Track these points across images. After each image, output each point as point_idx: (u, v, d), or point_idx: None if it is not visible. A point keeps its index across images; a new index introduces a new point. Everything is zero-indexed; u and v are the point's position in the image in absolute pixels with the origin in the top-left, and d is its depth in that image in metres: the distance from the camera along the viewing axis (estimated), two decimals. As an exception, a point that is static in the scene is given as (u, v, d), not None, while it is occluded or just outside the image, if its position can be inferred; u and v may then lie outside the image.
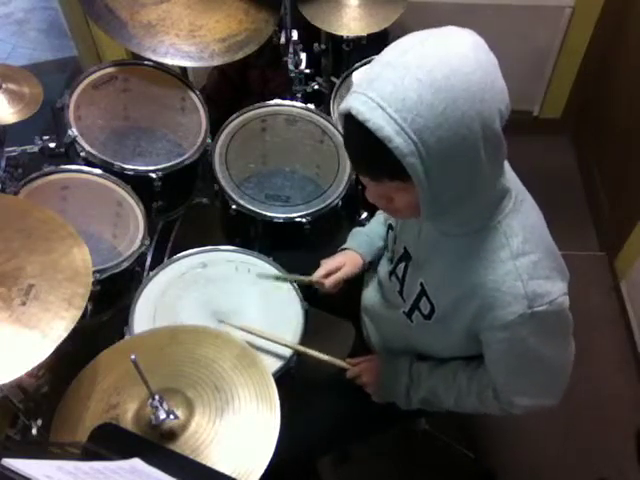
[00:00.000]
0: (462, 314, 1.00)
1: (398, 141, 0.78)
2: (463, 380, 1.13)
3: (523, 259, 0.93)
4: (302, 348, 1.27)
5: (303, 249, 1.66)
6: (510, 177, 0.99)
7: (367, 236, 1.37)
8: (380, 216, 1.40)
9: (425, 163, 0.80)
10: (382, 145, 0.79)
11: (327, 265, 1.32)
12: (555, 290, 0.94)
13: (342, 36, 1.82)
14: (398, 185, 0.87)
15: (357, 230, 1.40)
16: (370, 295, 1.32)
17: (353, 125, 0.82)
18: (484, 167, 0.85)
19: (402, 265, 1.14)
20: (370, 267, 1.37)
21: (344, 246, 1.38)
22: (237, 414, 1.01)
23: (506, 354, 1.02)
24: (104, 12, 1.63)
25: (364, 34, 1.80)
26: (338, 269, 1.32)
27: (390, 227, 1.22)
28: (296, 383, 1.33)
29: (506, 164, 1.00)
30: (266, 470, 0.93)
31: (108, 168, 1.54)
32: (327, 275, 1.32)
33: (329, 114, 1.76)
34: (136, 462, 0.84)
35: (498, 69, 0.83)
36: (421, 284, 1.06)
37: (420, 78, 0.78)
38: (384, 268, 1.25)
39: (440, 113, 0.77)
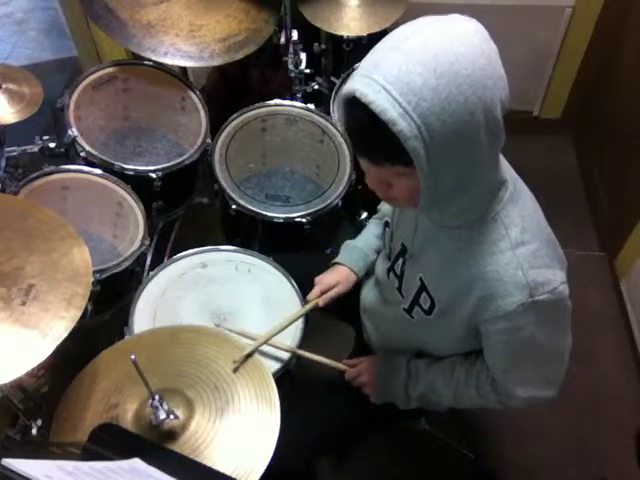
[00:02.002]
0: (463, 306, 1.00)
1: (402, 124, 0.78)
2: (461, 374, 1.13)
3: (523, 249, 0.93)
4: (299, 351, 1.27)
5: (303, 249, 1.66)
6: (505, 167, 0.99)
7: (361, 250, 1.36)
8: (372, 226, 1.39)
9: (428, 147, 0.80)
10: (385, 128, 0.79)
11: (321, 285, 1.33)
12: (556, 279, 0.95)
13: (342, 36, 1.82)
14: (399, 170, 0.86)
15: (350, 244, 1.39)
16: (368, 294, 1.32)
17: (357, 107, 0.82)
18: (484, 154, 0.85)
19: (400, 261, 1.14)
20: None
21: (337, 260, 1.37)
22: (237, 414, 1.01)
23: (506, 344, 1.01)
24: (104, 12, 1.63)
25: (364, 34, 1.80)
26: (331, 288, 1.32)
27: (387, 224, 1.22)
28: (296, 383, 1.33)
29: (500, 155, 1.00)
30: (266, 470, 0.93)
31: (108, 168, 1.55)
32: (321, 294, 1.32)
33: (329, 114, 1.76)
34: (136, 462, 0.84)
35: (499, 58, 0.83)
36: (420, 279, 1.06)
37: (425, 62, 0.78)
38: (382, 266, 1.25)
39: (444, 98, 0.78)
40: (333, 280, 1.33)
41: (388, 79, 0.79)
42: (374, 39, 1.83)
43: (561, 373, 1.08)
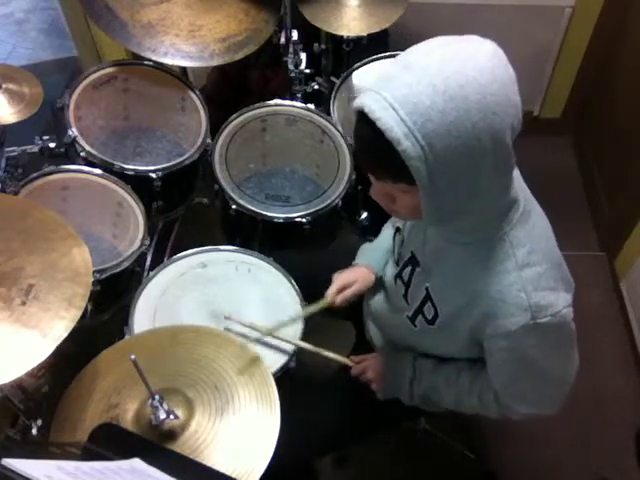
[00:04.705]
0: (465, 321, 1.01)
1: (406, 144, 0.78)
2: (466, 380, 1.13)
3: (528, 270, 0.93)
4: (306, 345, 1.27)
5: (303, 249, 1.66)
6: (519, 187, 0.98)
7: (378, 251, 1.35)
8: (387, 230, 1.39)
9: (430, 168, 0.80)
10: (390, 146, 0.79)
11: (339, 281, 1.31)
12: (559, 302, 0.95)
13: (342, 36, 1.82)
14: (402, 187, 0.87)
15: (367, 246, 1.39)
16: (374, 298, 1.32)
17: (364, 122, 0.82)
18: (490, 178, 0.85)
19: (408, 269, 1.14)
20: None
21: (355, 262, 1.36)
22: (237, 414, 1.01)
23: (507, 362, 1.02)
24: (104, 12, 1.63)
25: (364, 34, 1.80)
26: (350, 285, 1.31)
27: (397, 230, 1.22)
28: (296, 383, 1.33)
29: (517, 173, 0.99)
30: (266, 470, 0.93)
31: (108, 168, 1.54)
32: (339, 291, 1.31)
33: (329, 114, 1.75)
34: (136, 462, 0.84)
35: (515, 84, 0.83)
36: (426, 289, 1.07)
37: (435, 84, 0.78)
38: (390, 271, 1.25)
39: (451, 121, 0.77)
40: (352, 278, 1.31)
41: (397, 97, 0.79)
42: (374, 39, 1.84)
43: (563, 394, 1.09)
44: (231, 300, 1.36)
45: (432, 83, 0.78)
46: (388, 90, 0.80)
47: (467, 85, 0.78)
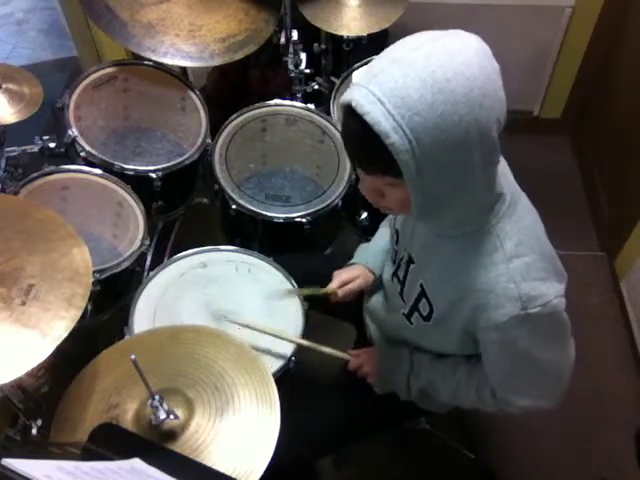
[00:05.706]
0: (458, 314, 1.01)
1: (394, 138, 0.79)
2: (463, 375, 1.13)
3: (517, 261, 0.93)
4: (303, 341, 1.27)
5: (303, 249, 1.66)
6: (506, 179, 0.99)
7: (375, 251, 1.35)
8: (383, 228, 1.39)
9: (418, 162, 0.80)
10: (378, 139, 0.80)
11: (341, 277, 1.32)
12: (550, 292, 0.94)
13: (342, 36, 1.82)
14: (390, 180, 0.87)
15: (364, 246, 1.39)
16: (372, 297, 1.32)
17: (352, 117, 0.83)
18: (477, 171, 0.85)
19: (403, 266, 1.14)
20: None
21: (353, 261, 1.36)
22: (237, 414, 1.01)
23: (500, 354, 1.02)
24: (104, 12, 1.63)
25: (364, 34, 1.80)
26: (351, 281, 1.31)
27: (393, 228, 1.22)
28: (296, 383, 1.33)
29: (504, 165, 1.00)
30: (266, 470, 0.93)
31: (108, 168, 1.55)
32: (340, 286, 1.31)
33: (329, 114, 1.76)
34: (136, 462, 0.84)
35: (500, 78, 0.83)
36: (421, 285, 1.07)
37: (423, 78, 0.78)
38: (387, 270, 1.25)
39: (438, 115, 0.78)
40: (354, 274, 1.32)
41: (384, 91, 0.79)
42: (374, 39, 1.84)
43: (560, 386, 1.08)
44: (231, 300, 1.36)
45: (420, 77, 0.78)
46: (376, 84, 0.80)
47: (454, 78, 0.78)
